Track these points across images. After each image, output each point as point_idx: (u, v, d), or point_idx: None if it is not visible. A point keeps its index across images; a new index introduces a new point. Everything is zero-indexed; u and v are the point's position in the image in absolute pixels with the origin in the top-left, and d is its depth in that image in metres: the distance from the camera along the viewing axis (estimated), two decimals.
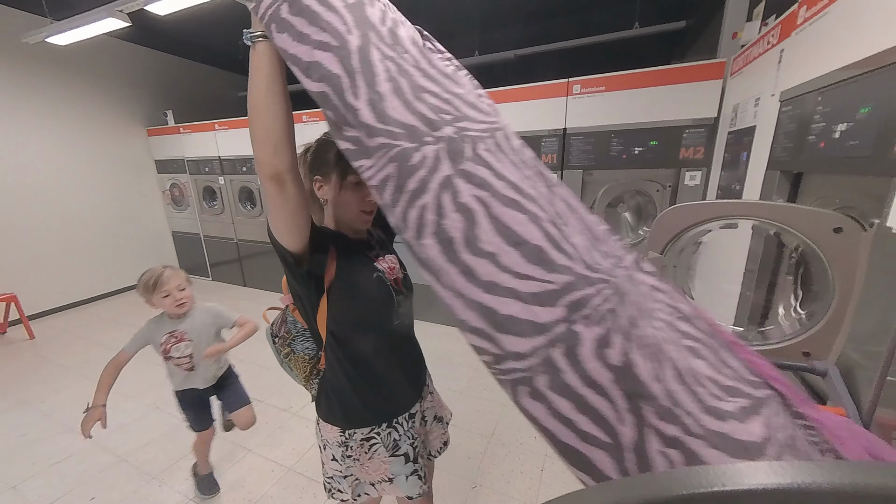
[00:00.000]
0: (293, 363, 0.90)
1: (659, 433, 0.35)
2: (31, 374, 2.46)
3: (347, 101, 0.44)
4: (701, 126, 2.01)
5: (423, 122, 0.44)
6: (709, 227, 1.21)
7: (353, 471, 0.86)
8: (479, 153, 0.44)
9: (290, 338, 0.91)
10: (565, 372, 0.37)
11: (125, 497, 1.51)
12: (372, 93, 0.44)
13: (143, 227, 4.27)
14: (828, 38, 0.96)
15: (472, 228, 0.40)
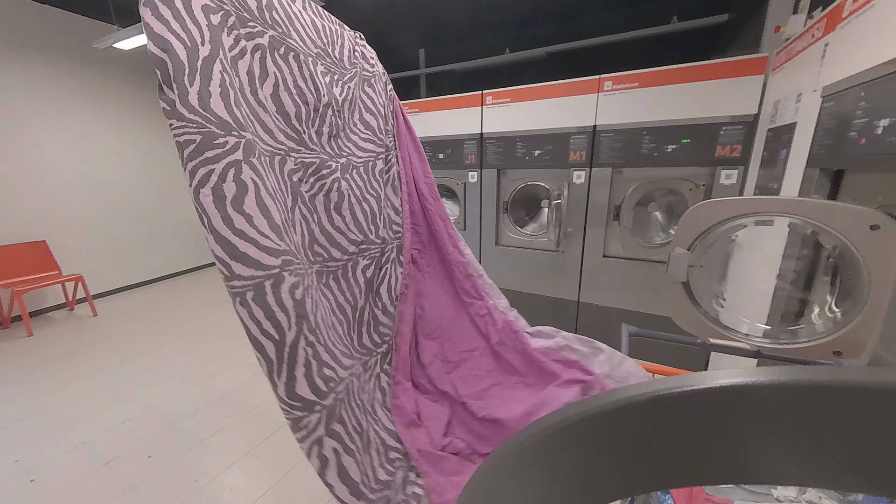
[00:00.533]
0: None
1: (304, 349, 0.65)
2: (97, 347, 2.74)
3: (182, 82, 0.58)
4: (739, 123, 1.95)
5: (234, 122, 0.62)
6: (743, 222, 1.20)
7: None
8: (261, 158, 0.66)
9: None
10: (267, 294, 0.62)
11: (178, 457, 1.67)
12: (203, 89, 0.59)
13: (188, 218, 4.59)
14: (873, 32, 0.93)
15: (242, 195, 0.61)
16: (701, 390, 0.18)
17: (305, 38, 0.78)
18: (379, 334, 0.90)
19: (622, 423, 0.21)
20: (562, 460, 0.23)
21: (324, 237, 0.78)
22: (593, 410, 0.21)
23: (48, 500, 1.47)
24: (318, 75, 0.79)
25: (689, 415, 0.19)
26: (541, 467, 0.24)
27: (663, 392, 0.19)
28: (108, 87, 3.68)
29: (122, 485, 1.54)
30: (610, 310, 2.53)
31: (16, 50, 3.04)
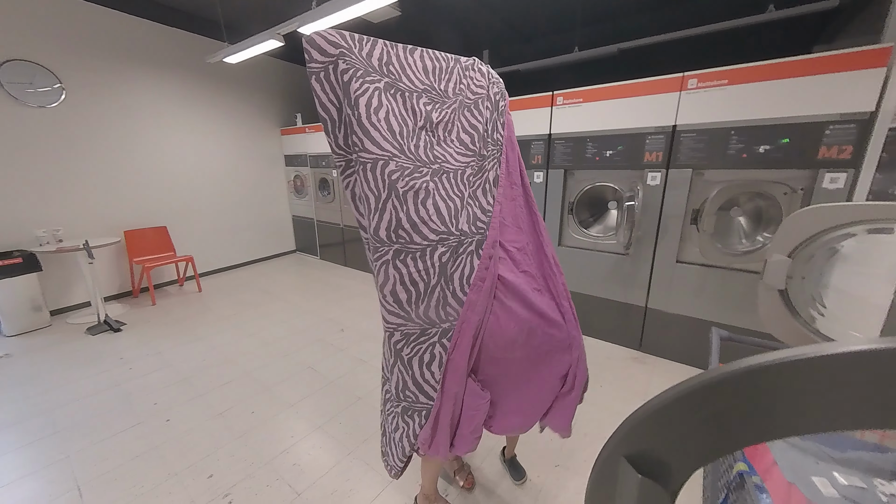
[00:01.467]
0: None
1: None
2: (202, 318, 3.22)
3: (334, 132, 0.99)
4: (850, 122, 1.77)
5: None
6: (853, 230, 1.12)
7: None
8: (370, 167, 0.95)
9: None
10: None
11: (273, 416, 1.95)
12: (342, 133, 0.98)
13: (273, 210, 5.15)
14: None
15: (357, 191, 0.99)
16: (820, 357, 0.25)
17: (414, 79, 1.05)
18: (445, 313, 1.00)
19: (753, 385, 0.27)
20: (705, 409, 0.31)
21: (408, 224, 0.96)
22: (729, 375, 0.28)
23: (180, 437, 1.81)
24: (420, 105, 1.04)
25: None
26: (689, 414, 0.31)
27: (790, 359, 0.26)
28: (217, 97, 4.26)
29: (234, 432, 1.83)
30: (680, 318, 2.42)
31: (144, 64, 3.66)
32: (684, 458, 0.34)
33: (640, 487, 0.34)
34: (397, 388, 1.09)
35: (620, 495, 0.38)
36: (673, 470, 0.35)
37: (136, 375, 2.33)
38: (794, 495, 0.76)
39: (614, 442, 0.37)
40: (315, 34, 0.92)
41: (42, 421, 1.92)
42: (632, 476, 0.35)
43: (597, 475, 0.40)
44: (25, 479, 1.57)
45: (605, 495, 0.40)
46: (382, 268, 0.97)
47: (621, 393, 2.14)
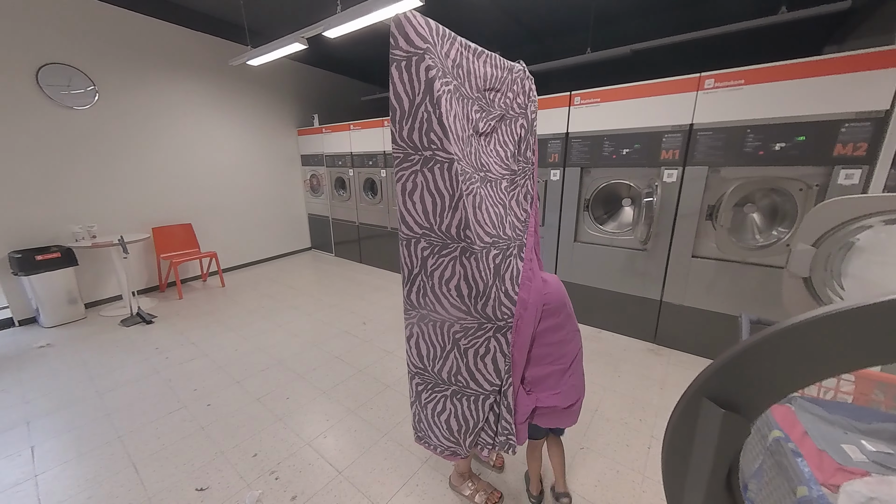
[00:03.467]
0: None
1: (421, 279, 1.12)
2: (231, 310, 3.34)
3: (401, 123, 1.00)
4: (866, 119, 1.83)
5: (421, 146, 0.98)
6: (868, 222, 1.20)
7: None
8: (434, 167, 0.99)
9: None
10: (408, 244, 1.09)
11: (310, 401, 2.05)
12: (409, 127, 0.98)
13: (290, 208, 5.27)
14: None
15: (412, 191, 1.02)
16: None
17: (472, 86, 1.09)
18: (501, 312, 1.09)
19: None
20: (781, 353, 0.39)
21: (475, 225, 1.03)
22: (802, 322, 0.36)
23: (221, 419, 1.91)
24: (472, 113, 1.08)
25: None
26: (766, 358, 0.39)
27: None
28: (238, 98, 4.39)
29: (273, 415, 1.93)
30: (694, 311, 2.49)
31: (171, 67, 3.78)
32: (762, 394, 0.42)
33: (722, 420, 0.41)
34: (449, 373, 1.18)
35: (703, 429, 0.45)
36: (752, 404, 0.42)
37: (173, 364, 2.44)
38: (826, 460, 0.84)
39: (695, 387, 0.44)
40: (406, 20, 0.89)
41: (91, 405, 2.04)
42: (714, 411, 0.42)
43: (678, 416, 0.47)
44: (83, 458, 1.68)
45: (686, 432, 0.47)
46: (450, 264, 1.05)
47: (640, 381, 2.22)
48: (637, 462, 1.63)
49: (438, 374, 1.20)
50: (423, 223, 1.04)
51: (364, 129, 4.33)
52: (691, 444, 0.48)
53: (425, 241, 1.06)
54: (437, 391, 1.23)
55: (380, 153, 4.23)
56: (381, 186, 4.34)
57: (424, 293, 1.11)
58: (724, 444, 0.43)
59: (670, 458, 0.51)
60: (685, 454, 0.49)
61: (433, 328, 1.14)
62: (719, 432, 0.43)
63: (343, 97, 5.70)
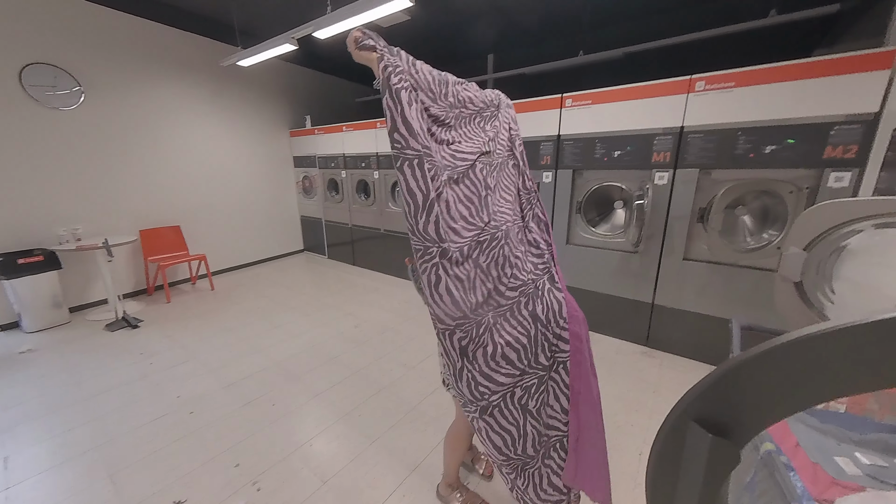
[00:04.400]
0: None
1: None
2: (222, 313, 3.28)
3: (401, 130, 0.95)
4: (856, 122, 1.83)
5: (418, 147, 0.93)
6: (859, 226, 1.18)
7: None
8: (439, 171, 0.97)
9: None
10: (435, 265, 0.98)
11: (299, 406, 2.00)
12: (408, 132, 0.93)
13: (282, 210, 5.22)
14: None
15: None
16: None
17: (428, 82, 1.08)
18: (554, 354, 1.09)
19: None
20: (775, 372, 0.35)
21: (501, 287, 1.04)
22: (800, 339, 0.33)
23: (205, 427, 1.86)
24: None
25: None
26: (759, 377, 0.36)
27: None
28: (228, 99, 4.34)
29: (258, 422, 1.89)
30: (686, 313, 2.48)
31: (159, 67, 3.73)
32: (753, 417, 0.38)
33: (711, 445, 0.38)
34: (534, 445, 1.10)
35: (690, 455, 0.41)
36: (742, 428, 0.39)
37: (158, 369, 2.39)
38: (820, 474, 0.81)
39: (680, 409, 0.41)
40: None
41: (72, 412, 1.98)
42: (702, 436, 0.39)
43: (663, 442, 0.43)
44: (59, 469, 1.62)
45: (671, 458, 0.43)
46: (489, 337, 1.02)
47: (633, 385, 2.20)
48: (629, 468, 1.61)
49: (525, 454, 1.09)
50: (455, 314, 0.97)
51: (357, 130, 4.30)
52: (677, 471, 0.45)
53: (461, 332, 0.98)
54: (529, 469, 1.12)
55: (372, 154, 4.20)
56: (374, 188, 4.30)
57: (476, 383, 1.00)
58: (712, 472, 0.40)
59: (655, 486, 0.48)
60: (671, 482, 0.46)
61: (499, 414, 1.04)
62: (707, 459, 0.39)
63: (335, 98, 5.66)
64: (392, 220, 4.23)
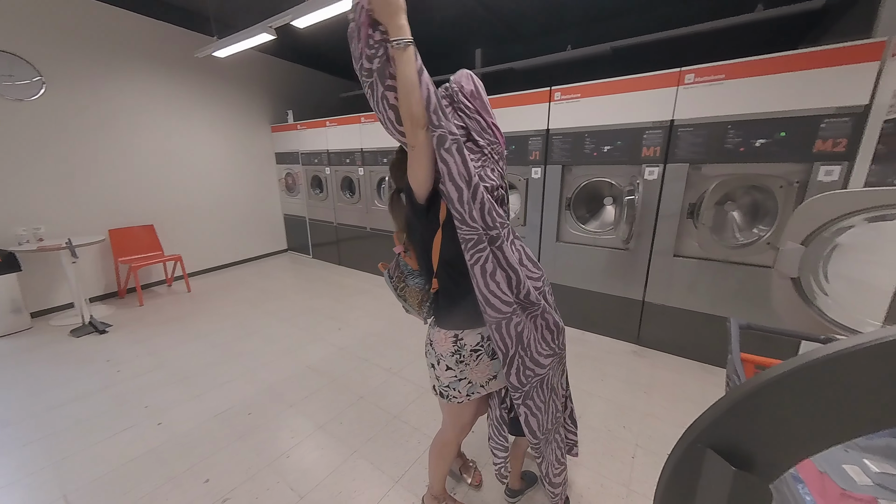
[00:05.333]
0: (407, 294, 1.15)
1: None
2: (198, 317, 3.12)
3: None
4: (845, 115, 1.80)
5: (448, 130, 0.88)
6: (851, 222, 1.13)
7: (466, 374, 1.09)
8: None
9: (403, 276, 1.16)
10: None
11: (275, 416, 1.89)
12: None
13: (264, 209, 5.05)
14: None
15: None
16: None
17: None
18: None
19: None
20: (817, 393, 0.28)
21: (526, 279, 1.02)
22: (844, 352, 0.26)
23: (174, 440, 1.74)
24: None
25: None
26: (797, 399, 0.29)
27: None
28: (205, 92, 4.15)
29: (231, 434, 1.77)
30: (677, 311, 2.44)
31: (129, 58, 3.53)
32: (787, 448, 0.31)
33: (734, 480, 0.32)
34: (554, 420, 1.17)
35: (707, 490, 0.34)
36: (773, 460, 0.31)
37: (125, 377, 2.24)
38: (829, 485, 0.75)
39: (695, 433, 0.34)
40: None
41: (29, 426, 1.82)
42: (722, 469, 0.32)
43: (673, 470, 0.36)
44: (8, 490, 1.48)
45: (683, 492, 0.36)
46: (531, 322, 1.06)
47: (625, 386, 2.15)
48: (622, 474, 1.55)
49: (548, 432, 1.17)
50: (510, 300, 0.97)
51: (341, 125, 4.17)
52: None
53: (517, 318, 0.98)
54: (549, 446, 1.20)
55: (357, 151, 4.07)
56: (359, 185, 4.18)
57: (525, 368, 1.03)
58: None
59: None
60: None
61: (536, 396, 1.07)
62: (729, 496, 0.32)
63: (318, 93, 5.50)
64: (378, 219, 4.11)
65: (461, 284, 1.04)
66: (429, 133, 0.85)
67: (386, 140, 3.78)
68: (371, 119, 3.84)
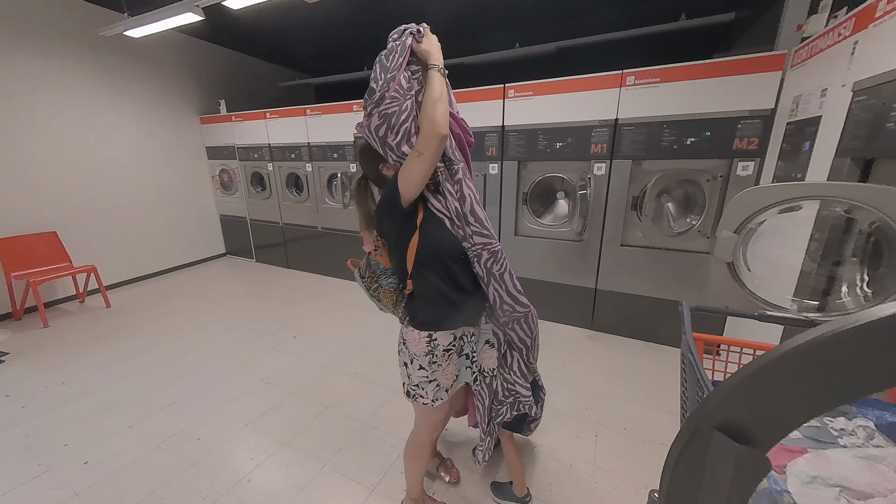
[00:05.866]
0: (381, 294, 1.13)
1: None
2: (117, 336, 2.72)
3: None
4: (757, 117, 2.06)
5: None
6: (769, 213, 1.29)
7: (437, 375, 1.08)
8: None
9: (375, 276, 1.14)
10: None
11: (230, 438, 1.72)
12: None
13: (196, 209, 4.55)
14: None
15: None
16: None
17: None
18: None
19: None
20: (800, 373, 0.32)
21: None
22: (827, 337, 0.29)
23: (106, 479, 1.50)
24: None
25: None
26: (783, 379, 0.32)
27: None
28: (119, 77, 3.60)
29: (179, 463, 1.57)
30: (626, 296, 2.65)
31: (18, 34, 2.95)
32: (780, 421, 0.35)
33: (739, 455, 0.35)
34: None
35: (715, 466, 0.38)
36: (766, 433, 0.35)
37: (33, 413, 1.89)
38: None
39: (701, 416, 0.37)
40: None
41: None
42: (728, 446, 0.35)
43: (682, 451, 0.40)
44: None
45: (694, 469, 0.40)
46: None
47: (583, 369, 2.29)
48: (587, 453, 1.65)
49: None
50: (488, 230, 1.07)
51: (284, 117, 3.87)
52: (699, 484, 0.41)
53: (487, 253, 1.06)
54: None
55: (303, 145, 3.82)
56: (308, 182, 3.93)
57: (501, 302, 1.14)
58: (739, 482, 0.37)
59: (673, 500, 0.44)
60: (691, 495, 0.42)
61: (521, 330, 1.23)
62: (734, 470, 0.36)
63: (254, 81, 5.05)
64: (331, 217, 3.90)
65: (436, 286, 1.03)
66: (442, 143, 0.91)
67: (335, 134, 3.59)
68: (318, 112, 3.62)
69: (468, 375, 1.16)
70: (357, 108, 3.40)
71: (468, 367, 1.15)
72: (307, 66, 5.66)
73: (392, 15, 3.89)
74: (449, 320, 1.06)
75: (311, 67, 5.73)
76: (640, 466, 1.56)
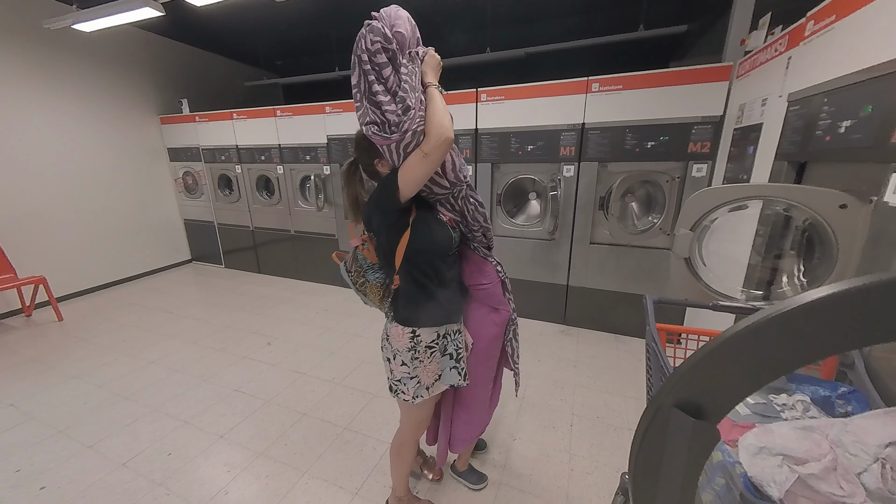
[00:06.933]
0: (368, 290, 1.13)
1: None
2: (71, 352, 2.54)
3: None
4: (708, 123, 2.23)
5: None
6: (721, 211, 1.42)
7: (418, 371, 1.10)
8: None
9: (362, 271, 1.13)
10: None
11: (203, 451, 1.65)
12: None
13: (158, 214, 4.31)
14: (833, 49, 1.17)
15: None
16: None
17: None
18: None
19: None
20: (744, 354, 0.37)
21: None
22: (758, 323, 0.35)
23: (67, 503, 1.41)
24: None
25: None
26: (728, 361, 0.38)
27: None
28: (67, 73, 3.35)
29: (147, 482, 1.50)
30: (595, 291, 2.78)
31: None
32: (727, 396, 0.40)
33: (693, 428, 0.40)
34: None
35: (674, 440, 0.43)
36: (717, 407, 0.41)
37: None
38: (724, 419, 0.94)
39: (663, 396, 0.43)
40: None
41: None
42: (685, 421, 0.41)
43: (646, 429, 0.45)
44: None
45: (656, 444, 0.45)
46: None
47: (557, 363, 2.38)
48: (563, 442, 1.72)
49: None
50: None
51: (252, 118, 3.75)
52: (660, 457, 0.47)
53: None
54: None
55: (274, 146, 3.72)
56: (279, 185, 3.83)
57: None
58: (695, 452, 0.43)
59: (639, 472, 0.49)
60: (654, 467, 0.48)
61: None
62: (690, 441, 0.41)
63: (218, 80, 4.86)
64: (304, 220, 3.82)
65: (422, 283, 1.06)
66: (448, 147, 0.94)
67: (307, 136, 3.52)
68: (289, 113, 3.54)
69: (454, 377, 1.16)
70: (330, 108, 3.35)
71: (454, 368, 1.16)
72: (274, 65, 5.50)
73: (363, 14, 3.87)
74: (433, 316, 1.08)
75: (277, 67, 5.58)
76: (611, 452, 1.65)
